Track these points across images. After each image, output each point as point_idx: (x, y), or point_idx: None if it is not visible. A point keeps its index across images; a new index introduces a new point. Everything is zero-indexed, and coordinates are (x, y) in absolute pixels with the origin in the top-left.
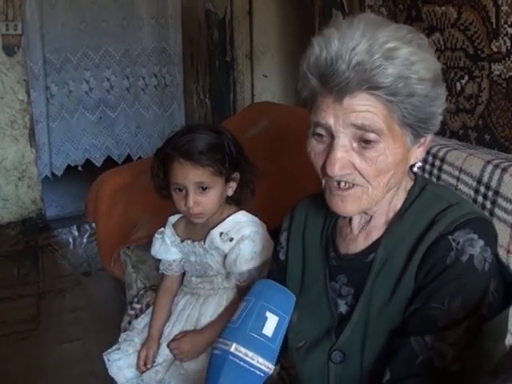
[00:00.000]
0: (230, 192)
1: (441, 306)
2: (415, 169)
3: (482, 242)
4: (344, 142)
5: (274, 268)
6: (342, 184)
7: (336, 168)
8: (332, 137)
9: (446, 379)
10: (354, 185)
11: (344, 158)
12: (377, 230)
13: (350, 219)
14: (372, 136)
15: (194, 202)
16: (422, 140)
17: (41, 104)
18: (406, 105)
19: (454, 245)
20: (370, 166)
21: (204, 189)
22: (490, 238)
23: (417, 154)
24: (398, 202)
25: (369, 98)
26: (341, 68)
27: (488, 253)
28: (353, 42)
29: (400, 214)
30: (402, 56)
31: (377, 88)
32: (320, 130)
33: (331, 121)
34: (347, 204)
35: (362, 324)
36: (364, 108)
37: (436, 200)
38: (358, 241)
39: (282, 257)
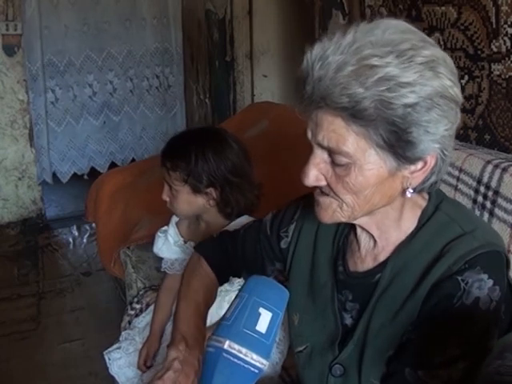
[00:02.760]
0: (207, 204)
1: (438, 344)
2: (408, 194)
3: (490, 283)
4: (319, 155)
5: (256, 238)
6: (320, 190)
7: (307, 179)
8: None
9: None
10: (329, 195)
11: (317, 170)
12: (385, 252)
13: (356, 235)
14: (340, 158)
15: (165, 196)
16: (419, 165)
17: (40, 106)
18: (380, 130)
19: (462, 285)
20: (338, 182)
21: (170, 189)
22: (500, 274)
23: (410, 180)
24: (409, 223)
25: (334, 117)
26: (308, 79)
27: (496, 292)
28: (326, 53)
29: (411, 236)
30: (383, 75)
31: (334, 108)
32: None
33: (309, 134)
34: (321, 210)
35: (361, 341)
36: (331, 128)
37: (449, 225)
38: (366, 261)
39: (283, 245)
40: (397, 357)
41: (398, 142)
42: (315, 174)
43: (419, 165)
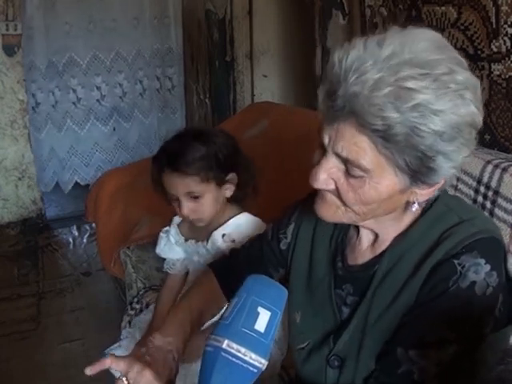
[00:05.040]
0: (227, 193)
1: (431, 325)
2: (413, 209)
3: (488, 268)
4: (333, 161)
5: (261, 245)
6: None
7: (317, 182)
8: (325, 152)
9: None
10: (336, 198)
11: (328, 174)
12: (383, 244)
13: (359, 231)
14: (356, 171)
15: (188, 210)
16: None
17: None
18: (404, 155)
19: (458, 268)
20: (349, 191)
21: (196, 197)
22: (498, 261)
23: (417, 196)
24: (408, 219)
25: (360, 133)
26: (340, 91)
27: (493, 277)
28: (364, 66)
29: (409, 227)
30: (419, 102)
31: (365, 127)
32: (321, 141)
33: (326, 140)
34: (323, 206)
35: (359, 331)
36: (353, 140)
37: (447, 214)
38: (365, 254)
39: (283, 247)
40: (392, 337)
41: (421, 168)
42: (325, 177)
43: (429, 185)
